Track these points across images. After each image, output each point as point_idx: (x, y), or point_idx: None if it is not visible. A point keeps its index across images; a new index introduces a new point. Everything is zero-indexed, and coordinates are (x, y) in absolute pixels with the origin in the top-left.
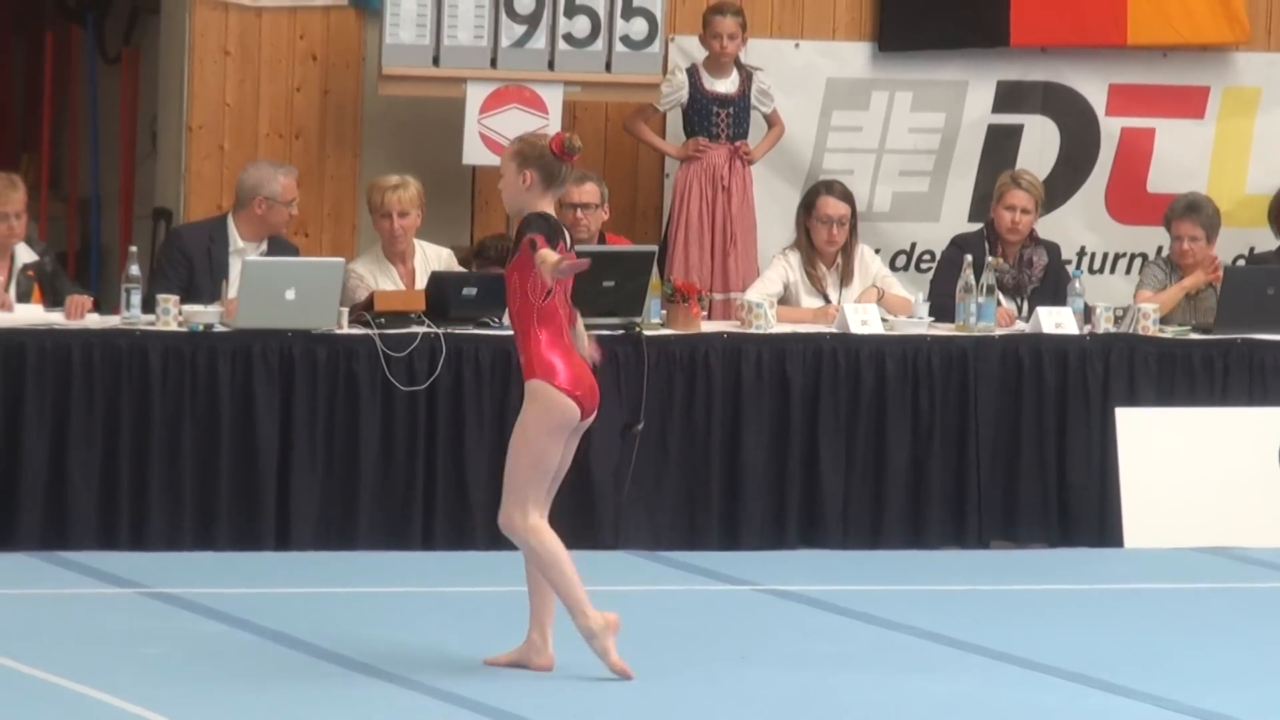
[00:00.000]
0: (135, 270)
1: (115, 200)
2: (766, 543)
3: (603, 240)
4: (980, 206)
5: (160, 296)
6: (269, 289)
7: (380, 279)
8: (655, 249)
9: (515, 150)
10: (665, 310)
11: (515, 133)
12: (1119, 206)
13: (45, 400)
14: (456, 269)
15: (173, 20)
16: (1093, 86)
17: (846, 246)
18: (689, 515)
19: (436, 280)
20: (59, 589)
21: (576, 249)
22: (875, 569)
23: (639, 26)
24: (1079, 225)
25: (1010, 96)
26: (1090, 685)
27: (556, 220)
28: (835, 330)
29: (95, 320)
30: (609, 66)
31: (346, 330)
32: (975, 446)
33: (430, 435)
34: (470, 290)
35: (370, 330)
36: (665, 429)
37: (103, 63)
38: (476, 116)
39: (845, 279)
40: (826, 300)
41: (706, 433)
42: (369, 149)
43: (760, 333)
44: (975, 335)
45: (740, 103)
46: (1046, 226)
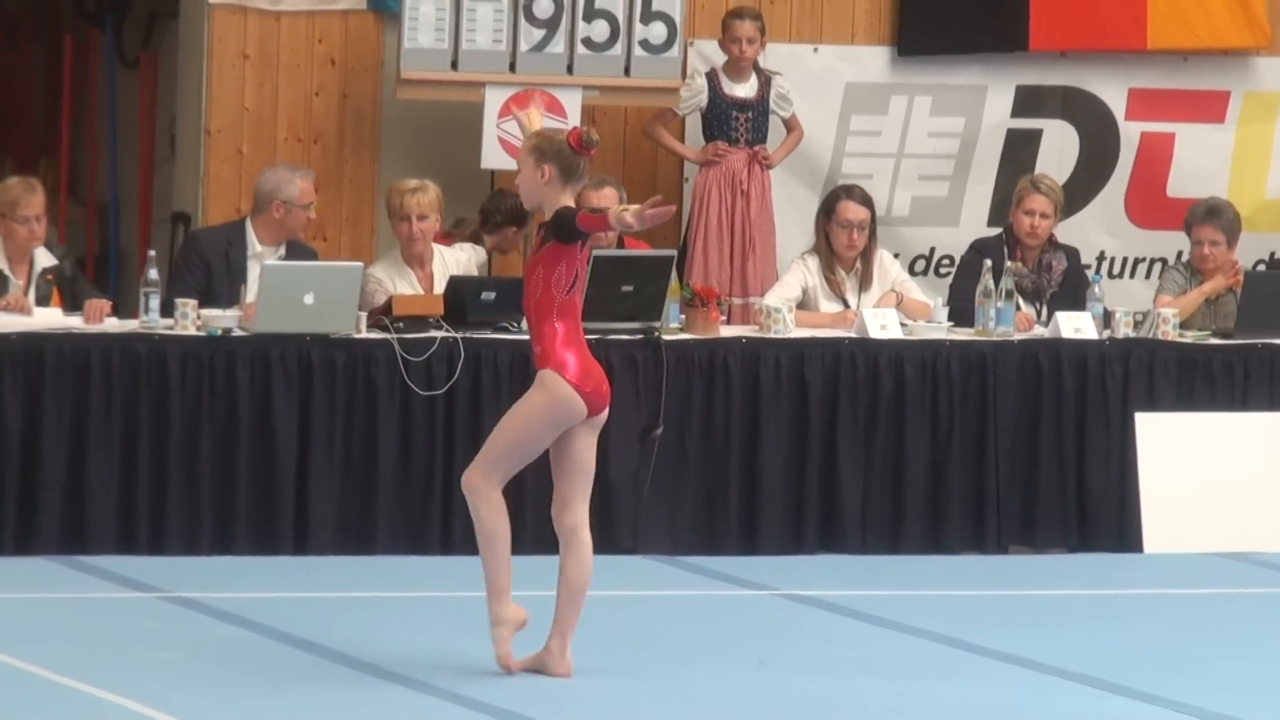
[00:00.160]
0: (154, 274)
1: (134, 204)
2: (785, 547)
3: (622, 245)
4: (999, 211)
5: (178, 301)
6: (287, 293)
7: (399, 283)
8: (674, 253)
9: (533, 145)
10: (684, 315)
11: None
12: (1139, 211)
13: (64, 404)
14: (475, 273)
15: (191, 24)
16: (1112, 91)
17: (866, 251)
18: (708, 520)
19: (455, 284)
20: (78, 593)
21: (594, 254)
22: (894, 574)
23: (658, 31)
24: (1098, 230)
25: (1029, 101)
26: (1110, 690)
27: None
28: (854, 335)
29: (114, 324)
30: (628, 71)
31: (365, 335)
32: (994, 451)
33: (449, 439)
34: (489, 295)
35: (389, 335)
36: (684, 433)
37: (121, 67)
38: (495, 120)
39: (864, 284)
40: (845, 305)
41: (725, 437)
42: (387, 153)
43: (779, 337)
44: (994, 340)
45: (759, 107)
46: (1066, 231)
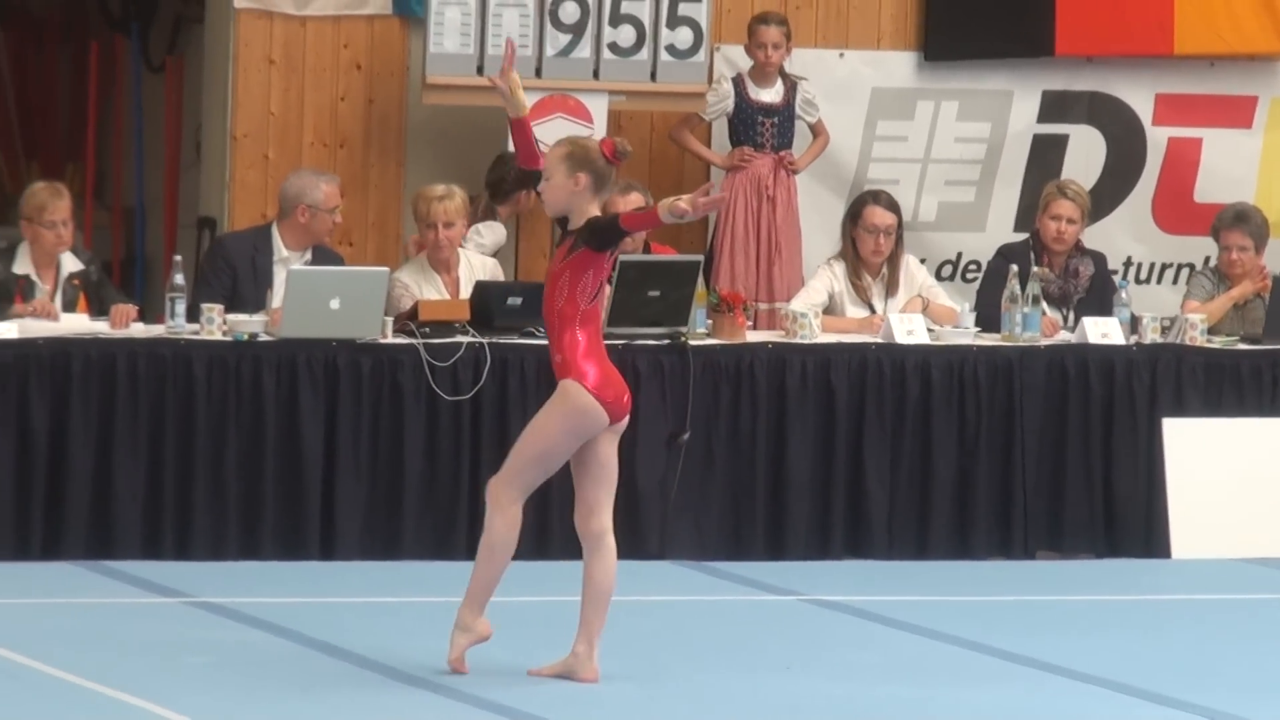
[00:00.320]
0: (180, 279)
1: (159, 209)
2: (812, 553)
3: (648, 250)
4: (1026, 216)
5: (205, 306)
6: (314, 298)
7: (425, 288)
8: (701, 259)
9: (566, 152)
10: (710, 320)
11: None
12: (1166, 216)
13: (90, 410)
14: (501, 279)
15: (217, 29)
16: (1139, 96)
17: (892, 256)
18: (734, 525)
19: (481, 289)
20: (104, 598)
21: (621, 259)
22: (921, 579)
23: (684, 36)
24: (1125, 235)
25: (1056, 106)
26: (1137, 696)
27: None
28: (880, 340)
29: (140, 329)
30: (654, 76)
31: (391, 340)
32: (1021, 457)
33: (475, 445)
34: (515, 300)
35: (415, 340)
36: (711, 439)
37: (147, 72)
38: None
39: (891, 289)
40: (871, 310)
41: (752, 442)
42: (413, 158)
43: (805, 343)
44: (1021, 345)
45: (785, 112)
46: (1093, 236)
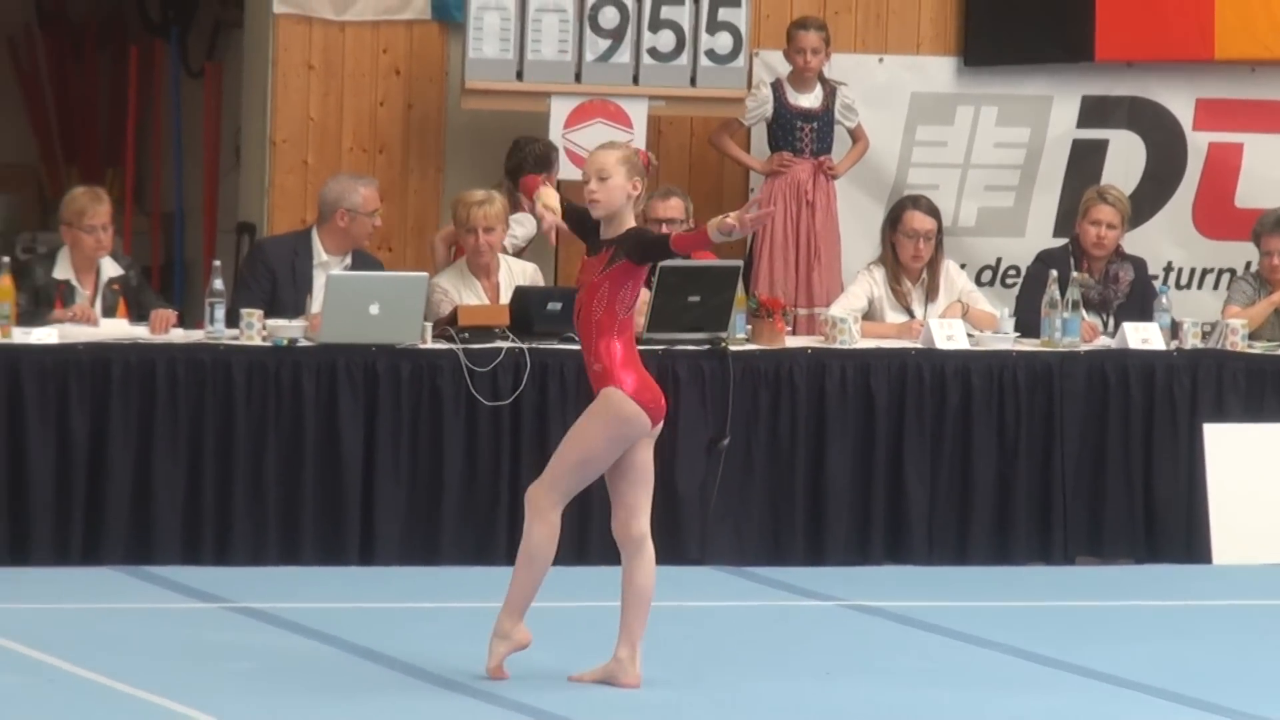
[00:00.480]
0: (219, 285)
1: (199, 214)
2: (851, 558)
3: (688, 255)
4: (1066, 221)
5: (244, 311)
6: (353, 304)
7: (464, 293)
8: (740, 264)
9: (624, 156)
10: (750, 325)
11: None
12: (1206, 221)
13: (130, 415)
14: (541, 284)
15: (256, 34)
16: (1179, 101)
17: (932, 262)
18: (774, 530)
19: (521, 295)
20: (144, 603)
21: (661, 265)
22: (961, 585)
23: (724, 41)
24: (1166, 240)
25: (1096, 111)
26: (1178, 702)
27: None
28: (920, 345)
29: (179, 335)
30: (694, 81)
31: (430, 345)
32: (1061, 462)
33: (514, 450)
34: (555, 305)
35: (454, 345)
36: (750, 444)
37: (186, 77)
38: (560, 131)
39: (930, 294)
40: (911, 315)
41: (791, 448)
42: (452, 163)
43: (844, 348)
44: (1060, 351)
45: (824, 117)
46: (1133, 242)
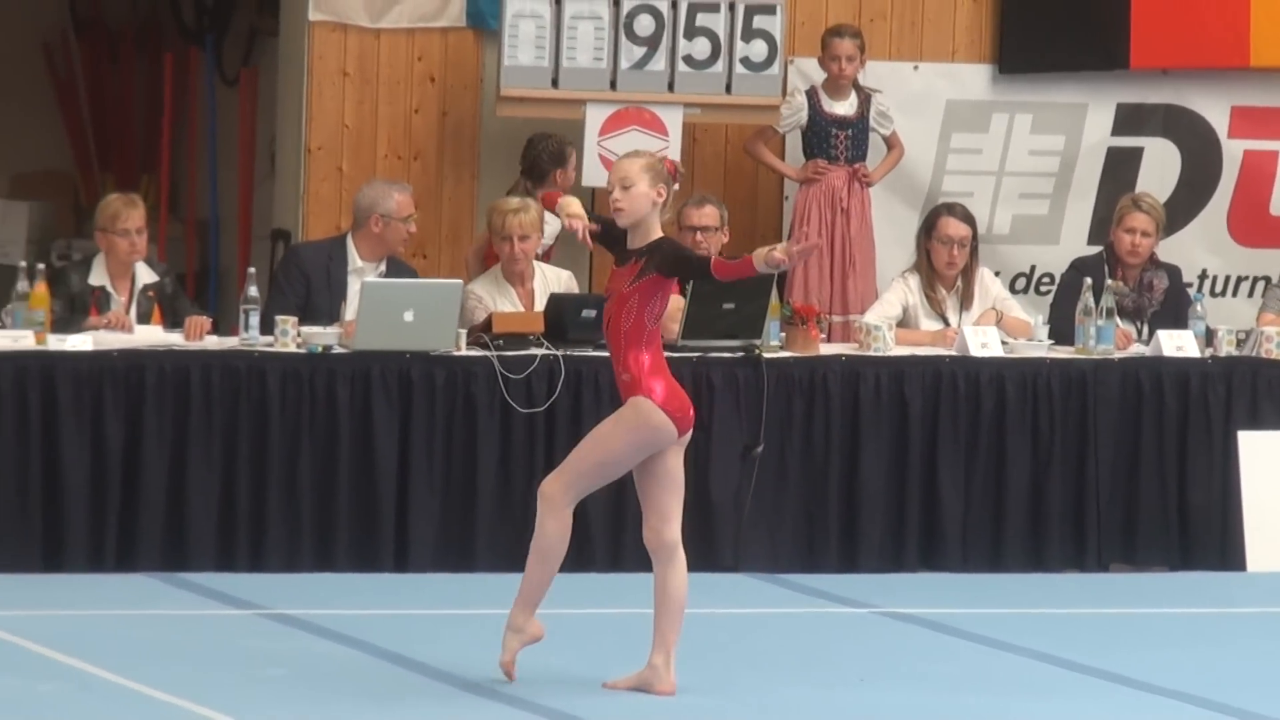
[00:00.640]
0: (254, 291)
1: (234, 221)
2: (885, 565)
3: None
4: (1100, 229)
5: (278, 318)
6: (387, 311)
7: (499, 300)
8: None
9: (648, 163)
10: (784, 333)
11: None
12: (1241, 229)
13: (165, 421)
14: (576, 291)
15: (291, 42)
16: (1215, 109)
17: (967, 269)
18: (808, 537)
19: (555, 302)
20: (178, 610)
21: None
22: (995, 592)
23: (759, 48)
24: (1200, 248)
25: (1130, 119)
26: (1212, 709)
27: None
28: (954, 353)
29: (214, 341)
30: (729, 88)
31: (465, 352)
32: (1095, 469)
33: (549, 457)
34: (589, 312)
35: (489, 352)
36: (784, 451)
37: (222, 84)
38: (596, 138)
39: (965, 302)
40: (946, 323)
41: (826, 455)
42: (487, 171)
43: (879, 355)
44: (1095, 358)
45: (859, 125)
46: (1167, 249)
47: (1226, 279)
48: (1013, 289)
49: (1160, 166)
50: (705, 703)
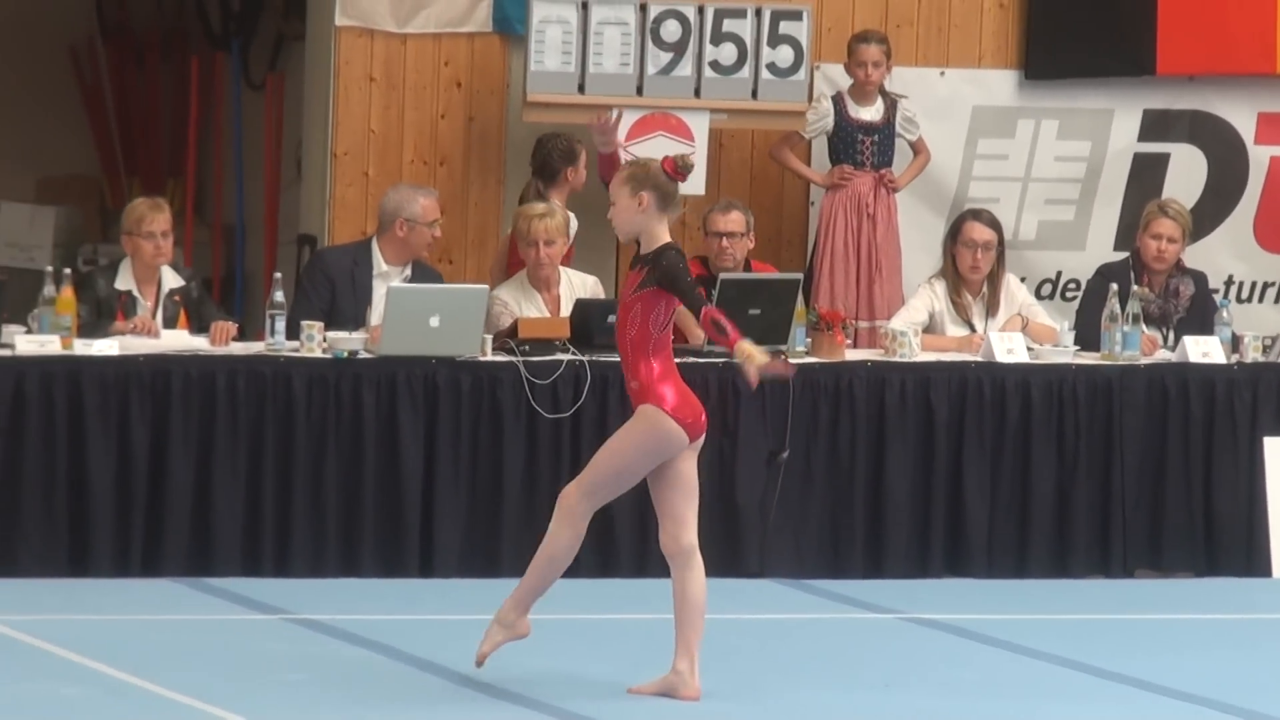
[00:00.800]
0: (280, 296)
1: (260, 226)
2: (911, 571)
3: (748, 268)
4: (1126, 235)
5: (304, 323)
6: (413, 316)
7: (525, 306)
8: (800, 277)
9: (627, 175)
10: (810, 338)
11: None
12: (1268, 235)
13: (190, 426)
14: (601, 296)
15: (318, 46)
16: (1241, 115)
17: (993, 275)
18: (833, 543)
19: (581, 307)
20: (204, 615)
21: (722, 277)
22: (1020, 598)
23: (785, 54)
24: (1227, 254)
25: (1157, 125)
26: (1237, 715)
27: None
28: (980, 359)
29: (240, 347)
30: (755, 94)
31: (490, 357)
32: (1120, 475)
33: (574, 462)
34: (614, 317)
35: (514, 357)
36: (810, 457)
37: (248, 89)
38: (622, 144)
39: (991, 308)
40: (972, 329)
41: (851, 461)
42: (513, 176)
43: (905, 361)
44: (1121, 364)
45: (885, 130)
46: (1194, 255)
47: (1253, 285)
48: (1039, 295)
49: (1186, 172)
50: (730, 708)
